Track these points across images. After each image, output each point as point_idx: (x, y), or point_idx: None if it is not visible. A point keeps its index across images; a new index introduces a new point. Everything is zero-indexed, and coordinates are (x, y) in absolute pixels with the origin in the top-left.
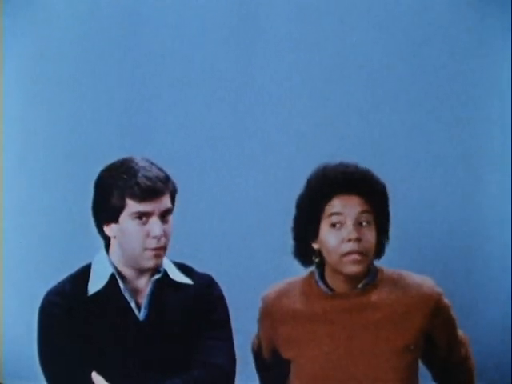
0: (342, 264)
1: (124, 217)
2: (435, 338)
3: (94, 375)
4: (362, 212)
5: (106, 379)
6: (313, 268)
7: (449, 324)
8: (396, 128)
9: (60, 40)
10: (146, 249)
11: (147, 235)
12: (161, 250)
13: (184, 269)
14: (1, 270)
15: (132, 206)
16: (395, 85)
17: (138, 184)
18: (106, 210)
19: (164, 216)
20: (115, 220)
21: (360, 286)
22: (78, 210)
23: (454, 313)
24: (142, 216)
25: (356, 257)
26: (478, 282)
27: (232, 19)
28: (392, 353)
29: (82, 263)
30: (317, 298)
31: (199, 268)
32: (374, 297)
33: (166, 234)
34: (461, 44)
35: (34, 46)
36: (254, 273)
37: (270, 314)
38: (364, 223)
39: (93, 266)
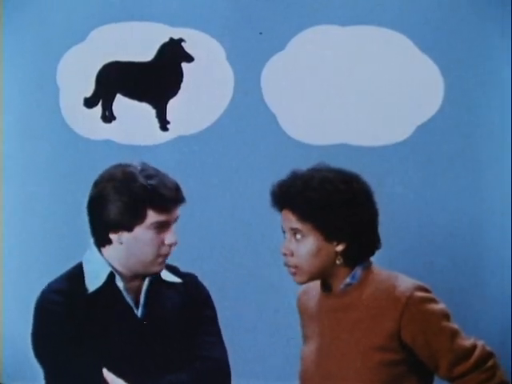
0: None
1: (141, 227)
2: (412, 346)
3: (106, 372)
4: (292, 228)
5: None
6: None
7: (426, 332)
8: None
9: (60, 39)
10: (159, 255)
11: (162, 243)
12: (168, 256)
13: (171, 268)
14: (1, 269)
15: (152, 216)
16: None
17: (161, 195)
18: (120, 219)
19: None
20: (129, 229)
21: (342, 286)
22: (78, 210)
23: (440, 322)
24: (161, 226)
25: (290, 269)
26: (478, 283)
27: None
28: (360, 354)
29: None
30: (321, 297)
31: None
32: (357, 297)
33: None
34: (461, 44)
35: (34, 45)
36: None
37: (298, 310)
38: (298, 236)
39: (85, 265)
